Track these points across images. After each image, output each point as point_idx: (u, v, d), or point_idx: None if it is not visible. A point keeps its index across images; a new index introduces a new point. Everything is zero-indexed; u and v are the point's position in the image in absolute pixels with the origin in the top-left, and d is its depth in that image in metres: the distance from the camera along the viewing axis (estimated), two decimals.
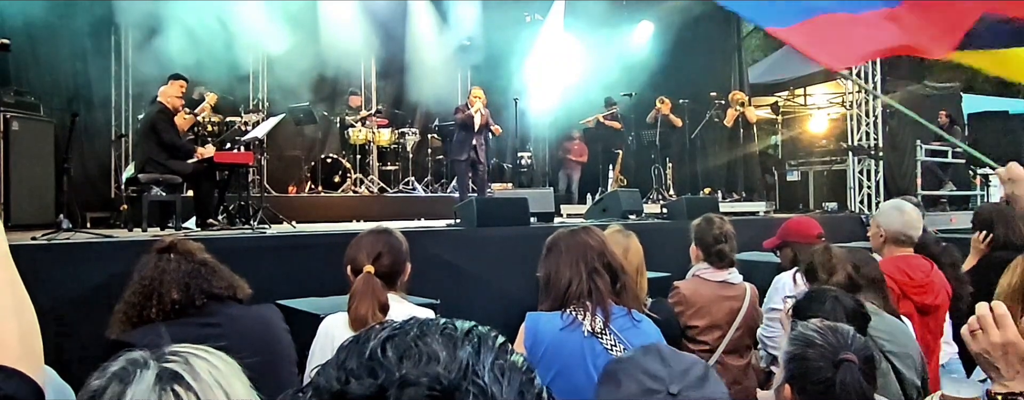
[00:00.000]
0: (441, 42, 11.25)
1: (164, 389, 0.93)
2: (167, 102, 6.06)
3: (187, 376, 0.96)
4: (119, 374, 0.96)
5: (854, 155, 10.34)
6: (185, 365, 0.97)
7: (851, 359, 1.57)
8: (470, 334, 0.57)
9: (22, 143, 6.38)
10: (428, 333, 0.56)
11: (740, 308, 2.85)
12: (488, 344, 0.56)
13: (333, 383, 0.53)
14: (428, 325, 0.57)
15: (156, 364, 0.97)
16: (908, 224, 3.00)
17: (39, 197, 6.49)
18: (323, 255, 4.29)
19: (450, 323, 0.58)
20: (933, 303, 2.94)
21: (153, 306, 1.96)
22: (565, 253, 2.14)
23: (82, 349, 3.20)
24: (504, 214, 5.83)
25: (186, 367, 0.97)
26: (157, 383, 0.94)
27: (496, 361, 0.54)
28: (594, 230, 2.26)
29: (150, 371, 0.95)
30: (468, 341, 0.55)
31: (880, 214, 3.18)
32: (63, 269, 3.84)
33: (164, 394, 0.93)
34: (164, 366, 0.97)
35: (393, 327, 0.57)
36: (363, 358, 0.54)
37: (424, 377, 0.51)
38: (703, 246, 2.97)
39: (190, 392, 0.94)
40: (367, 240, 2.38)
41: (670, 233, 5.23)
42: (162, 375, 0.95)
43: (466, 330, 0.57)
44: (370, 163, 9.86)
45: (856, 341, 1.64)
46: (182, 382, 0.95)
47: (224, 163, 6.17)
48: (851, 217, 9.41)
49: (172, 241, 2.15)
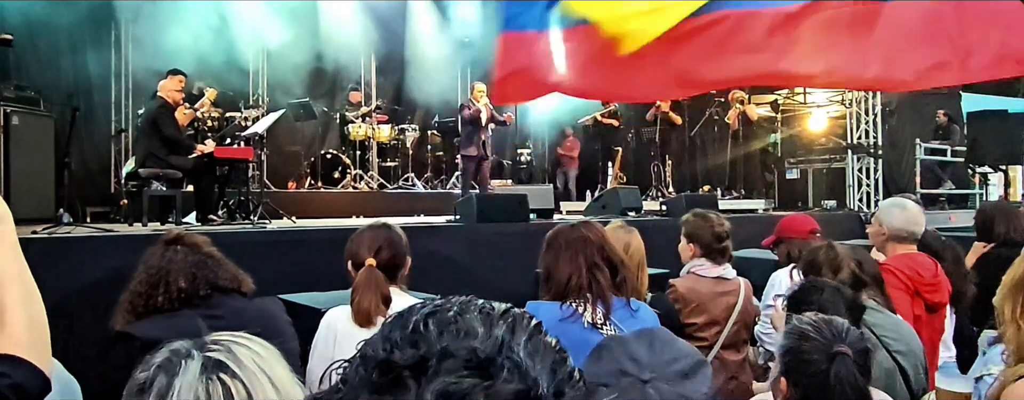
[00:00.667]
0: (441, 38, 11.24)
1: (210, 378, 0.95)
2: (167, 96, 6.06)
3: (231, 364, 0.97)
4: (164, 366, 0.97)
5: (853, 153, 10.36)
6: (228, 353, 0.99)
7: (845, 352, 1.57)
8: (506, 314, 0.60)
9: (22, 138, 6.38)
10: (467, 311, 0.59)
11: (736, 303, 2.86)
12: (523, 324, 0.59)
13: (379, 352, 0.57)
14: (467, 304, 0.61)
15: (200, 354, 0.98)
16: (910, 221, 2.99)
17: (39, 192, 6.50)
18: (323, 250, 4.30)
19: (488, 303, 0.62)
20: (941, 302, 2.93)
21: (160, 295, 1.98)
22: (565, 248, 2.15)
23: (83, 342, 3.21)
24: (504, 210, 5.84)
25: (229, 355, 0.99)
26: (203, 372, 0.95)
27: (530, 340, 0.57)
28: (594, 224, 2.28)
29: (195, 361, 0.97)
30: (503, 320, 0.58)
31: (882, 211, 3.16)
32: (63, 263, 3.85)
33: (210, 383, 0.95)
34: (208, 355, 0.98)
35: (435, 304, 0.61)
36: (406, 331, 0.57)
37: (462, 350, 0.54)
38: (702, 244, 2.96)
39: (236, 380, 0.96)
40: (367, 235, 2.39)
41: (669, 230, 5.22)
42: (207, 364, 0.97)
43: (503, 310, 0.60)
44: (370, 159, 9.87)
45: (851, 334, 1.64)
46: (227, 370, 0.97)
47: (224, 158, 6.17)
48: (850, 215, 9.42)
49: (179, 233, 2.17)
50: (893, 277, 2.79)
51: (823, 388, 1.57)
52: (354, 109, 9.97)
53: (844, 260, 2.51)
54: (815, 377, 1.58)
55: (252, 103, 9.39)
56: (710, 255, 2.93)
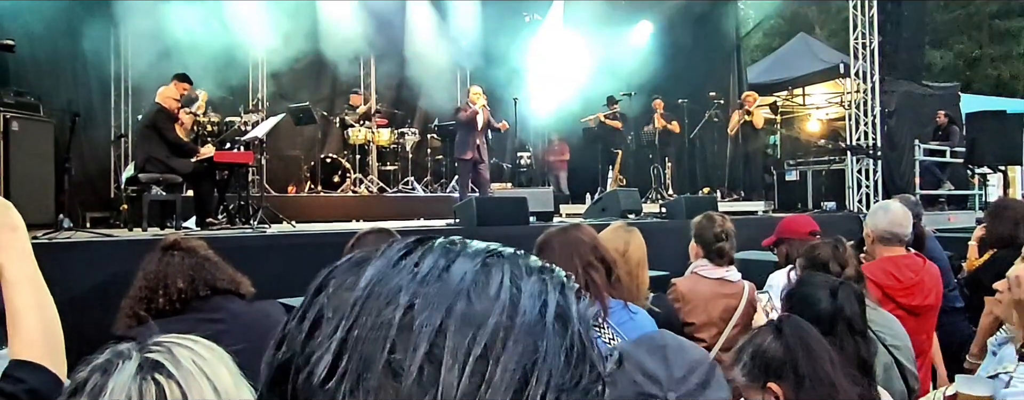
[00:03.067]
0: (440, 42, 11.26)
1: (144, 378, 0.92)
2: (164, 102, 6.07)
3: (168, 364, 0.95)
4: (101, 366, 0.95)
5: (852, 155, 10.36)
6: (167, 354, 0.96)
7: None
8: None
9: (22, 143, 6.39)
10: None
11: (737, 306, 2.87)
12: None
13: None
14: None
15: (138, 354, 0.96)
16: (894, 222, 3.00)
17: (39, 197, 6.50)
18: (323, 254, 4.30)
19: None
20: (923, 303, 2.93)
21: (160, 298, 2.00)
22: (558, 250, 2.15)
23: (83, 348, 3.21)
24: (503, 214, 5.85)
25: (168, 356, 0.96)
26: (138, 372, 0.93)
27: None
28: (585, 227, 2.27)
29: (132, 361, 0.94)
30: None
31: (869, 215, 3.21)
32: (64, 269, 3.85)
33: (144, 383, 0.92)
34: (146, 356, 0.95)
35: None
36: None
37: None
38: (703, 243, 2.98)
39: (171, 380, 0.93)
40: (370, 238, 2.39)
41: (669, 232, 5.25)
42: (143, 364, 0.94)
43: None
44: (369, 163, 9.88)
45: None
46: (163, 371, 0.94)
47: (224, 163, 6.18)
48: (849, 216, 9.43)
49: (175, 239, 2.18)
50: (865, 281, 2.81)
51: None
52: (354, 112, 9.99)
53: (850, 256, 2.52)
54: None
55: (252, 107, 9.40)
56: (710, 256, 2.95)
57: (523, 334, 0.44)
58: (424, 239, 0.51)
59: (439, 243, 0.50)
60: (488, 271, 0.47)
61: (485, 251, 0.50)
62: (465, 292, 0.45)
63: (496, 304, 0.45)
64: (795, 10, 20.59)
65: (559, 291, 0.49)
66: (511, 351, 0.44)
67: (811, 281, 1.99)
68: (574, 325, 0.47)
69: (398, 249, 0.49)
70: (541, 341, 0.45)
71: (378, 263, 0.48)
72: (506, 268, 0.48)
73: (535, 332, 0.45)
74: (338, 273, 0.49)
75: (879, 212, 3.09)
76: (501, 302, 0.45)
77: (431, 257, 0.48)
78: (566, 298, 0.49)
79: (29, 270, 1.09)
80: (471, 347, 0.43)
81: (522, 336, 0.44)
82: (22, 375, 0.97)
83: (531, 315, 0.46)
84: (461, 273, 0.46)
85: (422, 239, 0.51)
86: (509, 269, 0.48)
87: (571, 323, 0.47)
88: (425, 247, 0.50)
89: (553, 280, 0.50)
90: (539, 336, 0.45)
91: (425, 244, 0.50)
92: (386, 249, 0.50)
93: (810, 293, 1.92)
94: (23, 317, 1.04)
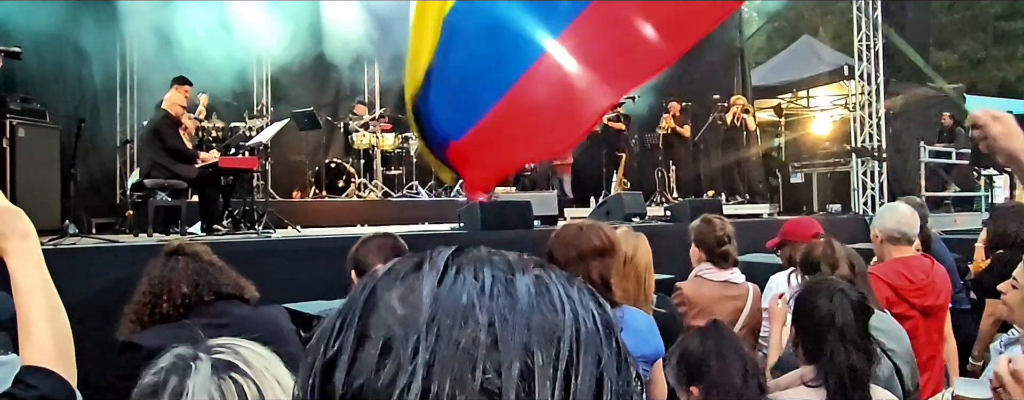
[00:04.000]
0: None
1: (222, 378, 0.98)
2: (170, 108, 6.09)
3: (241, 364, 1.00)
4: (173, 369, 0.99)
5: (858, 157, 10.34)
6: (235, 354, 1.02)
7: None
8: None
9: (29, 149, 6.41)
10: None
11: (743, 308, 2.86)
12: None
13: None
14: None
15: (207, 356, 1.01)
16: (902, 222, 2.99)
17: (45, 203, 6.52)
18: (327, 259, 4.31)
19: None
20: (935, 304, 2.93)
21: (164, 303, 1.99)
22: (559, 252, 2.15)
23: (89, 353, 3.21)
24: (508, 217, 5.85)
25: (237, 356, 1.01)
26: (214, 373, 0.98)
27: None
28: (597, 228, 2.24)
29: (204, 362, 0.99)
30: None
31: (876, 217, 3.21)
32: (70, 274, 3.86)
33: (223, 382, 0.97)
34: (216, 357, 1.00)
35: None
36: None
37: None
38: (705, 248, 2.97)
39: (247, 379, 0.99)
40: (375, 242, 2.40)
41: (674, 236, 5.23)
42: (217, 365, 0.99)
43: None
44: (374, 167, 9.89)
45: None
46: (238, 370, 0.99)
47: (229, 168, 6.20)
48: (855, 219, 9.40)
49: (180, 244, 2.18)
50: (877, 281, 2.80)
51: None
52: (358, 118, 10.01)
53: (841, 257, 2.52)
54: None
55: (256, 113, 9.43)
56: (714, 259, 2.94)
57: (590, 344, 0.46)
58: (459, 250, 0.51)
59: (472, 254, 0.50)
60: (543, 282, 0.48)
61: (526, 261, 0.51)
62: (537, 307, 0.46)
63: (564, 317, 0.46)
64: (799, 12, 20.58)
65: (593, 299, 0.50)
66: (585, 362, 0.45)
67: (814, 288, 2.00)
68: (616, 331, 0.49)
69: (437, 261, 0.49)
70: (601, 350, 0.46)
71: (427, 279, 0.47)
72: (554, 278, 0.49)
73: (596, 342, 0.46)
74: (381, 289, 0.48)
75: (886, 213, 3.09)
76: (568, 314, 0.46)
77: (485, 270, 0.48)
78: (602, 306, 0.50)
79: (41, 277, 1.11)
80: (557, 362, 0.43)
81: (589, 347, 0.45)
82: (34, 381, 0.98)
83: (590, 325, 0.47)
84: (524, 287, 0.47)
85: (458, 250, 0.51)
86: (557, 280, 0.49)
87: (614, 330, 0.49)
88: (463, 258, 0.50)
89: (587, 288, 0.51)
90: (599, 345, 0.46)
91: (461, 255, 0.50)
92: (417, 262, 0.50)
93: (810, 300, 1.94)
94: (35, 324, 1.05)
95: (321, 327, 0.49)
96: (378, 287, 0.48)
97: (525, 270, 0.49)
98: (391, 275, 0.49)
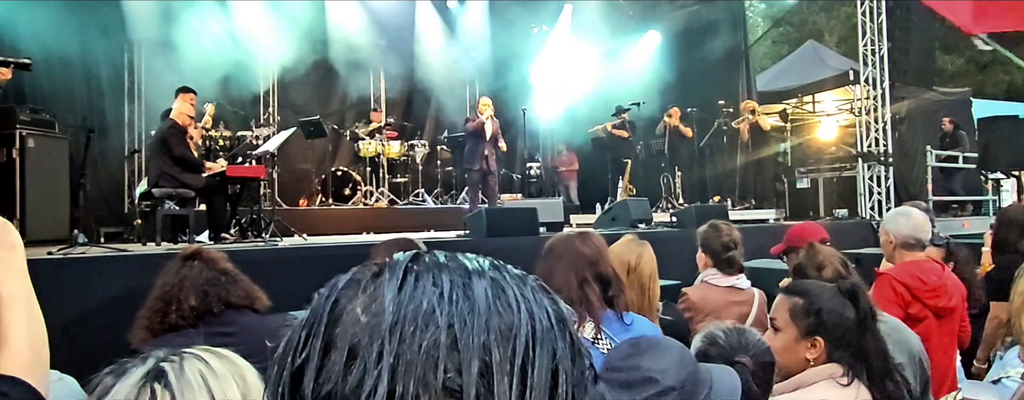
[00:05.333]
0: (449, 55, 11.33)
1: (144, 385, 0.96)
2: (178, 118, 6.13)
3: (172, 374, 0.98)
4: (115, 370, 1.00)
5: (864, 161, 10.31)
6: (176, 364, 1.00)
7: (744, 362, 1.63)
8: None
9: (38, 160, 6.47)
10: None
11: (749, 313, 2.86)
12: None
13: None
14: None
15: (152, 362, 1.00)
16: (917, 228, 3.00)
17: (55, 213, 6.57)
18: (335, 267, 4.31)
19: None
20: (948, 306, 2.93)
21: (173, 312, 2.01)
22: (558, 260, 2.14)
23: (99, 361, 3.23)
24: (513, 224, 5.85)
25: (175, 366, 0.99)
26: (142, 379, 0.97)
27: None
28: (592, 237, 2.23)
29: (140, 368, 0.98)
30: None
31: (888, 221, 3.19)
32: (79, 283, 3.89)
33: (142, 391, 0.96)
34: (157, 364, 0.99)
35: None
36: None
37: None
38: (711, 253, 2.98)
39: (167, 390, 0.96)
40: (391, 248, 2.40)
41: (680, 241, 5.23)
42: (149, 372, 0.98)
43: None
44: (380, 175, 9.93)
45: (757, 346, 1.70)
46: (163, 380, 0.97)
47: (236, 177, 6.23)
48: (862, 224, 9.36)
49: (198, 249, 2.20)
50: (888, 287, 2.79)
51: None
52: (365, 126, 10.06)
53: (826, 258, 2.52)
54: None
55: (263, 121, 9.49)
56: (720, 265, 2.94)
57: (545, 340, 0.49)
58: (416, 257, 0.53)
59: (428, 260, 0.53)
60: (498, 284, 0.51)
61: (484, 265, 0.53)
62: (494, 308, 0.49)
63: (519, 316, 0.49)
64: (804, 17, 20.57)
65: (547, 295, 0.53)
66: (540, 357, 0.48)
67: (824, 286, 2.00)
68: (569, 325, 0.52)
69: (396, 269, 0.51)
70: (556, 344, 0.49)
71: (388, 287, 0.49)
72: (509, 279, 0.52)
73: (551, 337, 0.49)
74: (343, 299, 0.50)
75: (899, 218, 3.07)
76: (523, 313, 0.49)
77: (442, 276, 0.50)
78: (556, 301, 0.53)
79: (24, 288, 1.13)
80: (513, 359, 0.46)
81: (544, 342, 0.49)
82: (6, 389, 1.00)
83: (544, 321, 0.50)
84: (481, 290, 0.49)
85: (415, 256, 0.53)
86: (512, 281, 0.52)
87: (567, 324, 0.52)
88: (420, 265, 0.52)
89: (540, 286, 0.54)
90: (554, 340, 0.49)
91: (418, 262, 0.52)
92: (376, 270, 0.52)
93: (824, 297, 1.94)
94: (13, 334, 1.07)
95: (287, 337, 0.51)
96: (341, 297, 0.51)
97: (481, 274, 0.51)
98: (352, 284, 0.52)
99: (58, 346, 3.45)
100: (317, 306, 0.51)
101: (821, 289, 1.98)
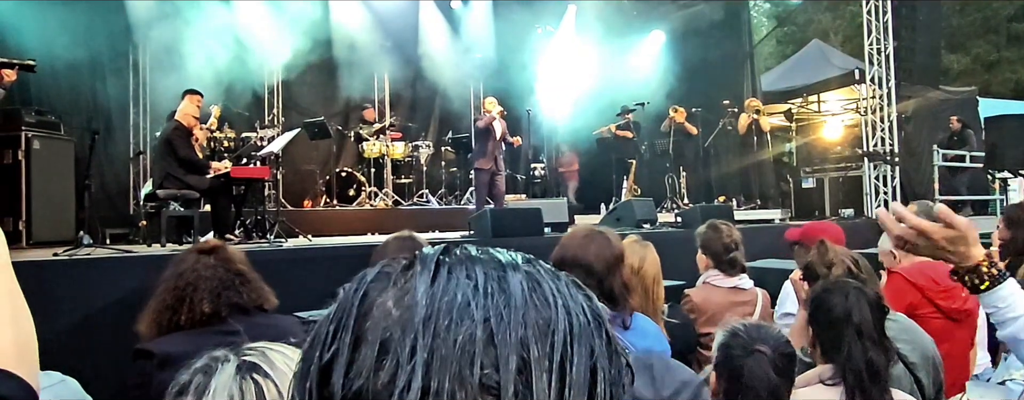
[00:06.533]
0: (453, 55, 11.34)
1: (244, 378, 1.02)
2: (183, 119, 6.14)
3: (264, 365, 1.05)
4: (202, 368, 1.05)
5: (869, 161, 10.27)
6: (262, 357, 1.06)
7: (763, 350, 1.72)
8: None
9: (43, 161, 6.48)
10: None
11: (752, 314, 2.85)
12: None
13: None
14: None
15: (236, 357, 1.06)
16: None
17: (60, 214, 6.59)
18: (339, 268, 4.32)
19: None
20: (963, 307, 2.88)
21: (184, 313, 1.99)
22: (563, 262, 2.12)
23: (103, 362, 3.24)
24: (518, 225, 5.85)
25: (263, 358, 1.06)
26: (238, 373, 1.03)
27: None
28: (604, 234, 2.19)
29: (231, 363, 1.04)
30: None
31: None
32: (84, 285, 3.90)
33: (244, 383, 1.02)
34: (243, 359, 1.06)
35: None
36: None
37: None
38: (712, 254, 2.96)
39: (268, 380, 1.03)
40: (394, 245, 2.39)
41: (685, 242, 5.21)
42: (242, 366, 1.04)
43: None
44: (384, 176, 9.93)
45: (777, 339, 1.78)
46: (260, 371, 1.04)
47: (241, 178, 6.24)
48: (868, 223, 9.32)
49: (216, 244, 2.19)
50: (900, 285, 2.76)
51: (740, 382, 1.73)
52: (369, 126, 10.07)
53: (836, 257, 2.51)
54: (735, 370, 1.74)
55: (267, 123, 9.50)
56: (721, 266, 2.93)
57: (583, 336, 0.47)
58: (446, 249, 0.52)
59: (459, 253, 0.51)
60: (533, 278, 0.49)
61: (517, 258, 0.52)
62: (531, 302, 0.47)
63: (556, 311, 0.47)
64: (808, 17, 20.52)
65: (581, 292, 0.51)
66: (578, 354, 0.46)
67: (828, 287, 2.00)
68: (605, 323, 0.50)
69: (428, 262, 0.49)
70: (594, 341, 0.47)
71: (420, 279, 0.48)
72: (543, 274, 0.50)
73: (588, 333, 0.47)
74: (373, 292, 0.48)
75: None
76: (560, 308, 0.47)
77: (476, 268, 0.48)
78: (591, 298, 0.51)
79: (7, 282, 1.12)
80: (552, 355, 0.45)
81: (582, 338, 0.47)
82: None
83: (581, 318, 0.48)
84: (517, 283, 0.47)
85: (446, 249, 0.52)
86: (547, 275, 0.50)
87: (603, 321, 0.50)
88: (452, 257, 0.50)
89: (574, 281, 0.52)
90: (591, 337, 0.47)
91: (450, 254, 0.51)
92: (406, 263, 0.50)
93: (825, 299, 1.95)
94: None
95: (314, 331, 0.50)
96: (370, 290, 0.49)
97: (516, 267, 0.49)
98: (382, 277, 0.50)
99: (64, 347, 3.47)
100: (345, 299, 0.50)
101: (830, 283, 2.02)
